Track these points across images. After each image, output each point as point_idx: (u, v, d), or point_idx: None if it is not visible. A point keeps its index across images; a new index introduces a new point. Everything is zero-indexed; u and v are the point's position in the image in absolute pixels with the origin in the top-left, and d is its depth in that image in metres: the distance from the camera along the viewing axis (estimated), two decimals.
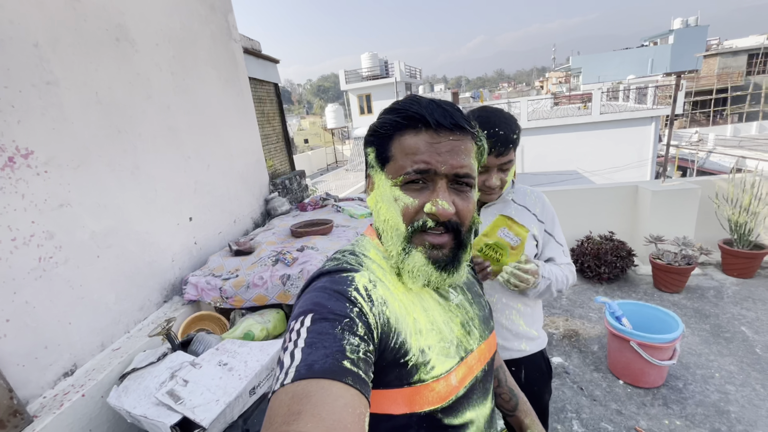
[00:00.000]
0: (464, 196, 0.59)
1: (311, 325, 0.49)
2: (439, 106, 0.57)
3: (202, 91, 2.50)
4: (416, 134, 0.56)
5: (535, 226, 1.19)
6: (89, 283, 1.62)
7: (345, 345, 0.47)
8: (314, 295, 0.53)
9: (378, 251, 0.64)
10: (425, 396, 0.57)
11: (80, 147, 1.62)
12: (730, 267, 3.21)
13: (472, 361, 0.64)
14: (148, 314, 1.93)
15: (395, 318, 0.56)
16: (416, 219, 0.58)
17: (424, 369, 0.57)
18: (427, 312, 0.62)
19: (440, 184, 0.57)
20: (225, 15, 2.84)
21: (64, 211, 1.53)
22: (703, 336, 2.52)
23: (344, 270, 0.58)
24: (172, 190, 2.15)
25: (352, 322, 0.50)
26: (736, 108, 23.71)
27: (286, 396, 0.42)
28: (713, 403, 1.99)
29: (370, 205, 0.65)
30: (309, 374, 0.43)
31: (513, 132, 1.07)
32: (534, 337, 1.24)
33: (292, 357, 0.46)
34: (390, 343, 0.54)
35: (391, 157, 0.59)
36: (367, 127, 0.65)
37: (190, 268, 2.23)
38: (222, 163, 2.65)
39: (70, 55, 1.61)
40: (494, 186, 1.10)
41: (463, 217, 0.59)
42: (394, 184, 0.58)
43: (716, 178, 3.48)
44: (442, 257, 0.59)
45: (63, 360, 1.49)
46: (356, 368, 0.46)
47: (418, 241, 0.59)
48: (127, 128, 1.88)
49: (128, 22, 1.92)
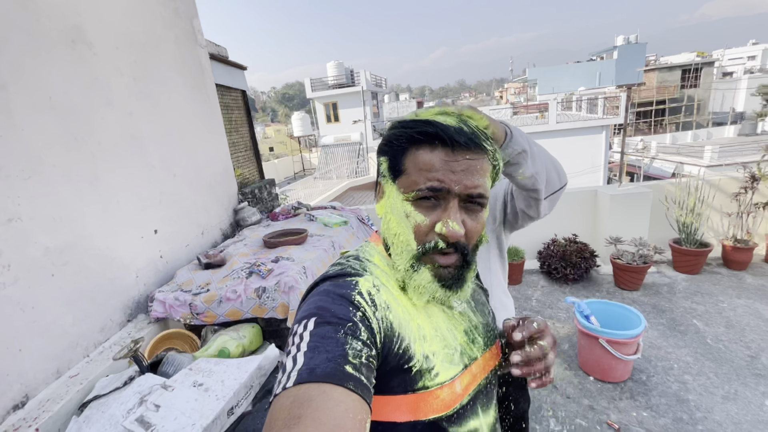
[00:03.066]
0: (474, 216, 0.59)
1: (314, 328, 0.49)
2: (456, 123, 0.57)
3: (167, 97, 2.39)
4: (431, 150, 0.56)
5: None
6: (42, 304, 1.48)
7: (347, 349, 0.47)
8: (317, 299, 0.53)
9: (382, 257, 0.65)
10: (430, 403, 0.56)
11: (32, 156, 1.49)
12: (680, 264, 3.47)
13: (476, 370, 0.64)
14: (110, 335, 1.79)
15: (398, 323, 0.56)
16: (427, 240, 0.58)
17: (429, 375, 0.56)
18: (431, 318, 0.62)
19: (452, 203, 0.56)
20: (190, 19, 2.74)
21: (12, 226, 1.40)
22: (660, 330, 2.70)
23: (348, 274, 0.58)
24: (135, 201, 2.02)
25: (355, 326, 0.50)
26: (673, 118, 25.91)
27: (287, 400, 0.42)
28: (674, 393, 2.12)
29: (379, 212, 0.65)
30: (310, 378, 0.43)
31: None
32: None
33: (295, 361, 0.46)
34: (393, 348, 0.54)
35: (404, 170, 0.59)
36: (381, 138, 0.65)
37: (156, 283, 2.10)
38: (188, 173, 2.53)
39: (21, 57, 1.48)
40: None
41: (471, 237, 0.59)
42: (406, 199, 0.58)
43: (665, 182, 3.77)
44: (448, 275, 0.59)
45: (12, 391, 1.35)
46: (358, 373, 0.46)
47: (428, 260, 0.59)
48: (85, 135, 1.75)
49: (85, 24, 1.80)
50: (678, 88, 25.84)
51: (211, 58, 3.08)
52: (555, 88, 31.10)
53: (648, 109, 25.78)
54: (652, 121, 25.98)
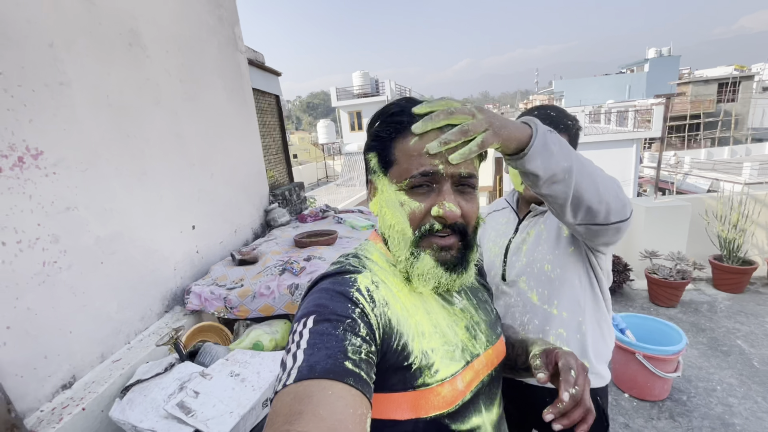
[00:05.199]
0: (468, 198, 0.59)
1: (313, 326, 0.49)
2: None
3: (208, 99, 2.49)
4: (420, 136, 0.56)
5: (558, 231, 1.02)
6: (92, 290, 1.55)
7: (347, 345, 0.47)
8: (317, 297, 0.54)
9: (382, 255, 0.64)
10: (431, 400, 0.56)
11: (89, 149, 1.58)
12: (720, 282, 3.30)
13: (478, 366, 0.63)
14: (149, 324, 1.86)
15: (396, 319, 0.56)
16: (423, 223, 0.58)
17: (429, 372, 0.56)
18: (430, 315, 0.61)
19: (445, 187, 0.57)
20: (232, 26, 2.86)
21: (70, 215, 1.48)
22: (701, 349, 2.56)
23: (347, 272, 0.58)
24: (176, 197, 2.10)
25: (354, 322, 0.50)
26: (708, 133, 24.90)
27: (288, 396, 0.42)
28: (718, 415, 2.00)
29: (374, 210, 0.65)
30: (311, 375, 0.43)
31: (566, 118, 0.97)
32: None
33: (295, 358, 0.46)
34: (392, 344, 0.54)
35: (394, 161, 0.59)
36: (367, 134, 0.63)
37: (191, 277, 2.16)
38: (225, 172, 2.62)
39: (84, 57, 1.58)
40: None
41: (468, 218, 0.59)
42: (399, 189, 0.58)
43: (705, 196, 3.62)
44: (450, 258, 0.59)
45: (62, 371, 1.41)
46: (358, 369, 0.46)
47: (426, 244, 0.58)
48: (136, 133, 1.84)
49: (141, 28, 1.91)
50: (714, 102, 24.87)
51: (249, 64, 3.20)
52: (582, 101, 30.51)
53: (681, 123, 24.89)
54: (686, 135, 25.04)
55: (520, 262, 1.07)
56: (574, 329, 1.01)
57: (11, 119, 1.28)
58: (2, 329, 1.22)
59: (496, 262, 1.14)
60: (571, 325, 1.01)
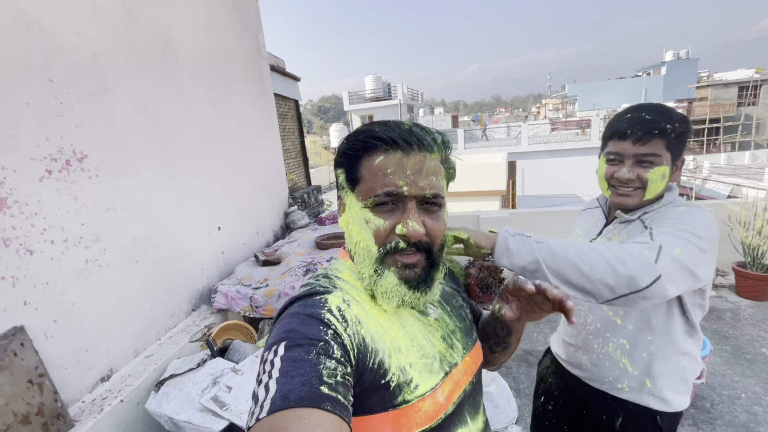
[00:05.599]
0: (434, 216, 0.59)
1: (285, 353, 0.47)
2: (406, 126, 0.57)
3: (233, 104, 2.57)
4: (384, 155, 0.56)
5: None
6: (127, 287, 1.63)
7: (321, 370, 0.45)
8: (287, 322, 0.52)
9: (352, 272, 0.63)
10: (412, 418, 0.54)
11: (127, 153, 1.66)
12: (744, 289, 3.23)
13: (458, 375, 0.62)
14: (178, 322, 1.92)
15: (371, 337, 0.55)
16: (388, 241, 0.57)
17: (408, 389, 0.55)
18: (406, 329, 0.60)
19: (410, 205, 0.56)
20: (255, 34, 2.95)
21: (110, 215, 1.55)
22: (725, 357, 2.52)
23: (317, 293, 0.57)
24: (204, 199, 2.18)
25: (327, 345, 0.49)
26: (728, 137, 24.32)
27: (263, 431, 0.40)
28: (743, 423, 1.97)
29: (342, 226, 0.64)
30: (285, 405, 0.41)
31: (665, 121, 0.88)
32: (640, 387, 0.96)
33: (267, 389, 0.44)
34: (368, 363, 0.53)
35: (360, 178, 0.58)
36: (336, 151, 0.63)
37: (217, 277, 2.23)
38: (248, 175, 2.69)
39: (124, 65, 1.66)
40: (624, 178, 0.92)
41: (433, 237, 0.59)
42: (365, 206, 0.58)
43: (728, 202, 3.55)
44: (414, 276, 0.58)
45: (101, 365, 1.48)
46: (335, 393, 0.44)
47: (391, 261, 0.58)
48: (168, 137, 1.92)
49: (174, 37, 1.99)
50: (734, 105, 24.30)
51: (270, 69, 3.28)
52: (596, 105, 30.14)
53: (700, 127, 24.37)
54: (705, 140, 24.51)
55: None
56: (642, 347, 0.97)
57: (60, 125, 1.36)
58: (50, 323, 1.29)
59: None
60: (637, 341, 0.97)
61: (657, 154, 0.89)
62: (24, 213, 1.23)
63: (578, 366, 1.10)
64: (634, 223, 0.97)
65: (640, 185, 0.91)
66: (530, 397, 2.28)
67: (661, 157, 0.89)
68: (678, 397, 0.97)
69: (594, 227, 1.11)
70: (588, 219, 1.17)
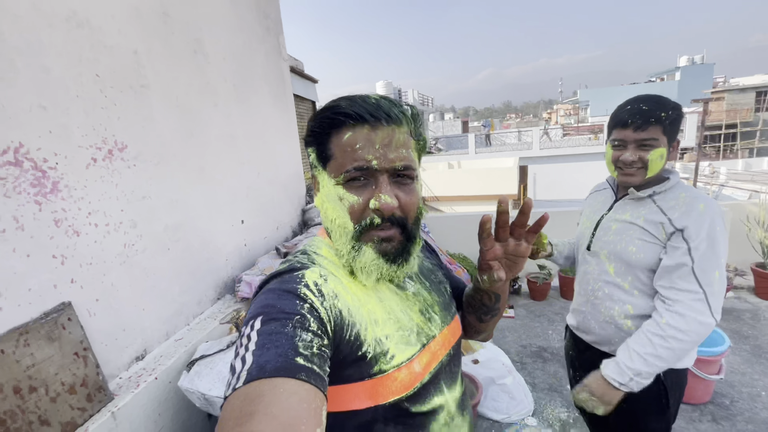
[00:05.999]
0: (407, 189, 0.59)
1: (261, 326, 0.48)
2: (373, 100, 0.58)
3: (256, 102, 2.66)
4: (353, 131, 0.56)
5: (656, 229, 1.04)
6: (160, 272, 1.70)
7: (297, 342, 0.46)
8: (264, 298, 0.53)
9: (330, 248, 0.64)
10: (388, 386, 0.56)
11: (161, 145, 1.75)
12: (763, 290, 3.19)
13: (435, 347, 0.64)
14: (204, 309, 2.00)
15: (348, 310, 0.56)
16: (363, 217, 0.58)
17: (384, 359, 0.56)
18: (383, 302, 0.62)
19: (382, 179, 0.57)
20: (277, 36, 3.05)
21: (145, 203, 1.64)
22: (744, 356, 2.50)
23: (294, 269, 0.58)
24: (228, 192, 2.26)
25: (303, 318, 0.50)
26: (746, 143, 23.85)
27: (238, 399, 0.41)
28: (763, 420, 1.96)
29: (318, 205, 0.64)
30: (260, 374, 0.42)
31: (660, 110, 1.01)
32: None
33: (244, 361, 0.45)
34: (345, 335, 0.54)
35: (331, 156, 0.58)
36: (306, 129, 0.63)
37: (240, 268, 2.30)
38: (269, 172, 2.78)
39: (159, 63, 1.76)
40: (628, 161, 1.05)
41: (407, 210, 0.59)
42: (337, 183, 0.58)
43: (747, 202, 3.52)
44: (391, 250, 0.59)
45: (136, 344, 1.56)
46: (310, 363, 0.45)
47: (367, 237, 0.58)
48: (197, 132, 2.01)
49: (204, 37, 2.09)
50: (752, 111, 23.85)
51: (290, 71, 3.39)
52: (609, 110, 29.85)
53: (717, 132, 23.96)
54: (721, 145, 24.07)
55: (608, 237, 1.15)
56: (646, 310, 1.08)
57: (104, 116, 1.45)
58: (92, 301, 1.38)
59: (585, 233, 1.24)
60: (640, 306, 1.09)
61: (654, 138, 1.02)
62: (72, 197, 1.32)
63: (587, 331, 1.23)
64: (645, 201, 1.10)
65: (642, 165, 1.05)
66: (546, 391, 2.30)
67: (658, 140, 1.03)
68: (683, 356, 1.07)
69: (603, 204, 1.24)
70: (597, 199, 1.30)
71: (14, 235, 1.14)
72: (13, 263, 1.14)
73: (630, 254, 1.09)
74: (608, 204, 1.22)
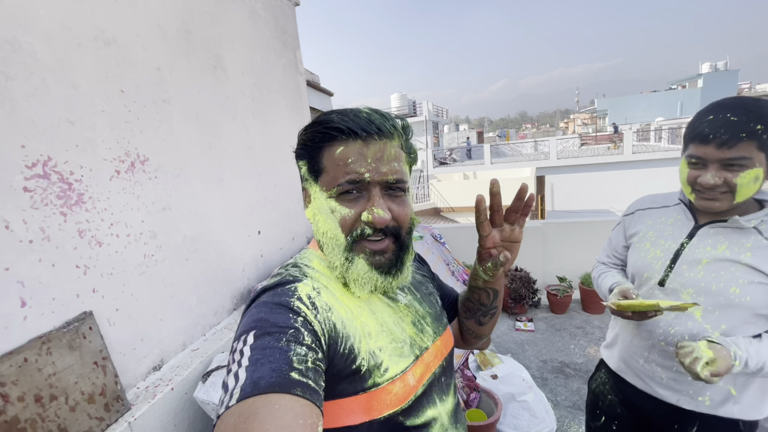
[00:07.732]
0: (399, 201, 0.60)
1: (254, 341, 0.47)
2: (365, 114, 0.58)
3: (273, 116, 2.72)
4: (345, 144, 0.56)
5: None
6: (178, 283, 1.73)
7: (292, 356, 0.45)
8: (256, 312, 0.52)
9: (321, 261, 0.64)
10: (382, 400, 0.55)
11: (181, 158, 1.79)
12: None
13: (428, 359, 0.64)
14: (221, 320, 2.01)
15: (341, 323, 0.56)
16: (354, 228, 0.58)
17: (378, 372, 0.56)
18: (376, 315, 0.61)
19: (374, 192, 0.57)
20: (294, 51, 3.12)
21: (165, 214, 1.67)
22: None
23: (286, 282, 0.57)
24: (246, 203, 2.29)
25: (297, 332, 0.49)
26: None
27: (232, 417, 0.40)
28: None
29: (309, 218, 0.65)
30: (255, 391, 0.41)
31: (754, 121, 0.79)
32: (723, 399, 0.93)
33: (237, 377, 0.44)
34: (339, 348, 0.54)
35: (323, 169, 0.59)
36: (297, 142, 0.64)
37: (257, 279, 2.32)
38: (285, 183, 2.81)
39: (181, 78, 1.81)
40: (708, 184, 0.86)
41: (400, 221, 0.59)
42: (329, 196, 0.58)
43: None
44: (384, 262, 0.59)
45: (153, 354, 1.57)
46: (305, 378, 0.44)
47: (359, 249, 0.59)
48: (216, 144, 2.05)
49: (223, 53, 2.15)
50: None
51: (306, 84, 3.45)
52: (628, 119, 29.30)
53: None
54: None
55: (695, 273, 0.94)
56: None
57: (128, 130, 1.50)
58: (113, 311, 1.40)
59: (655, 264, 1.02)
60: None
61: (746, 157, 0.81)
62: (96, 208, 1.36)
63: (650, 379, 1.03)
64: (748, 231, 0.89)
65: (728, 189, 0.85)
66: (569, 409, 2.20)
67: (752, 159, 0.81)
68: (762, 405, 0.95)
69: (675, 229, 1.01)
70: (660, 219, 1.06)
71: (40, 245, 1.17)
72: (39, 273, 1.17)
73: (732, 296, 0.88)
74: (684, 229, 0.99)
